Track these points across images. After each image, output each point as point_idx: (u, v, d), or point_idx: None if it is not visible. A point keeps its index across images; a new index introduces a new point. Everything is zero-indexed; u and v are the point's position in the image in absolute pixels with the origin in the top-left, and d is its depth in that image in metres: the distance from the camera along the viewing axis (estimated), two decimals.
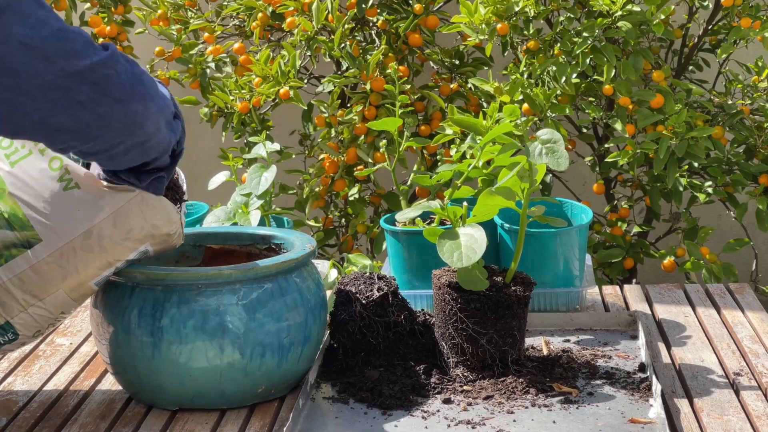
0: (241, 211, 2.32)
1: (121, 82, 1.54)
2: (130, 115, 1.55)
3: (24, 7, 1.46)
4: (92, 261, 1.71)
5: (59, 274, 1.70)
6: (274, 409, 1.81)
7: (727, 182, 2.92)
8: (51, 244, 1.68)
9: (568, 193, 3.40)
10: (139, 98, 1.56)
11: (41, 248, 1.68)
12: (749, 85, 2.97)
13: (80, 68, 1.50)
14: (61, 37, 1.48)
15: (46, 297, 1.71)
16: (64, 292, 1.72)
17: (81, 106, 1.51)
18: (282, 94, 2.89)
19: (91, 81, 1.50)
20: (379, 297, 1.90)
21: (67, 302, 1.74)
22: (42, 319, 1.73)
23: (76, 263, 1.70)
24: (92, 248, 1.70)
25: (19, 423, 1.78)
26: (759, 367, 1.92)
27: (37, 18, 1.47)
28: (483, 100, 3.03)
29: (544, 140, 1.83)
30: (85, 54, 1.50)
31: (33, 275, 1.69)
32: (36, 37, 1.46)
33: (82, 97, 1.50)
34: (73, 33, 1.51)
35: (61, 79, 1.48)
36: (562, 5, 2.91)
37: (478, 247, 1.81)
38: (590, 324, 2.12)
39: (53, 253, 1.69)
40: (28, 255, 1.68)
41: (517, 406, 1.76)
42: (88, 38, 1.54)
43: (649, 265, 3.53)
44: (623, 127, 2.83)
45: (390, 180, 3.20)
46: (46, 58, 1.47)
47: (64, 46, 1.48)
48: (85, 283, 1.73)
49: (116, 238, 1.72)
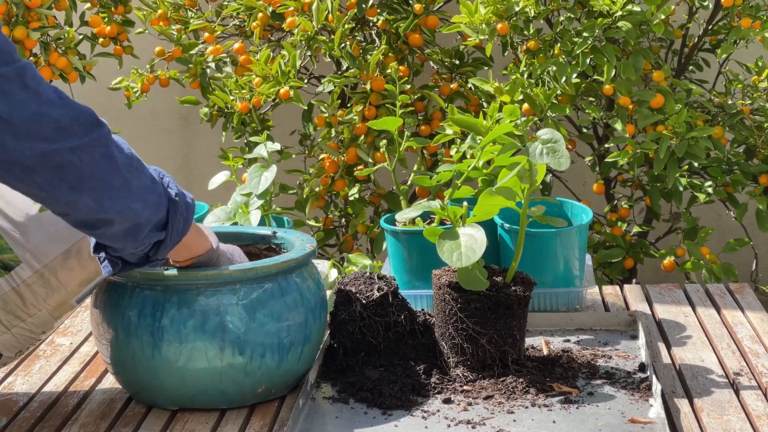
0: (241, 211, 2.32)
1: (79, 172, 1.54)
2: (78, 206, 1.56)
3: (7, 87, 1.50)
4: (73, 279, 1.73)
5: (41, 294, 1.71)
6: (274, 409, 1.81)
7: (727, 182, 2.92)
8: (31, 265, 1.69)
9: (568, 193, 3.40)
10: (102, 193, 1.56)
11: (21, 270, 1.69)
12: (749, 85, 2.97)
13: (45, 151, 1.52)
14: (36, 120, 1.51)
15: (28, 317, 1.71)
16: (47, 311, 1.72)
17: (37, 186, 1.54)
18: (282, 94, 2.89)
19: (54, 165, 1.52)
20: (379, 297, 1.90)
21: (49, 321, 1.75)
22: (24, 339, 1.74)
23: (57, 282, 1.71)
24: (72, 267, 1.71)
25: (19, 423, 1.78)
26: (759, 367, 1.92)
27: (17, 100, 1.50)
28: (483, 100, 3.03)
29: (545, 140, 1.83)
30: (53, 139, 1.52)
31: (15, 297, 1.69)
32: (14, 116, 1.50)
33: (38, 178, 1.53)
34: (49, 119, 1.52)
35: (24, 158, 1.51)
36: (562, 5, 2.91)
37: (478, 247, 1.81)
38: (590, 324, 2.12)
39: (33, 275, 1.69)
40: (9, 277, 1.68)
41: (517, 406, 1.76)
42: (66, 124, 1.54)
43: (649, 265, 3.53)
44: (623, 127, 2.83)
45: (390, 180, 3.20)
46: (15, 136, 1.50)
47: (36, 130, 1.51)
48: (66, 301, 1.74)
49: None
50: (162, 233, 1.65)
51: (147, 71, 3.24)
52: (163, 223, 1.65)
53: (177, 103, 3.44)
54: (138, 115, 3.63)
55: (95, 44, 3.32)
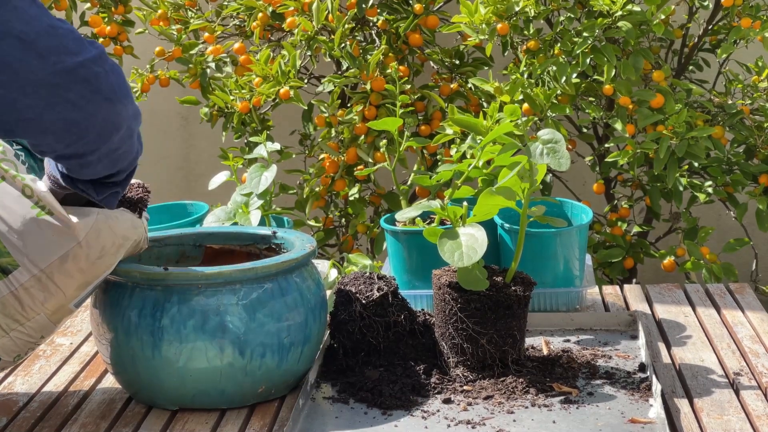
0: (241, 211, 2.32)
1: (109, 81, 1.53)
2: (113, 116, 1.54)
3: (18, 2, 1.46)
4: (71, 283, 1.72)
5: (39, 298, 1.70)
6: (274, 409, 1.81)
7: (727, 182, 2.92)
8: (28, 269, 1.69)
9: (568, 193, 3.40)
10: (124, 100, 1.56)
11: (19, 274, 1.69)
12: (749, 85, 2.97)
13: (72, 65, 1.49)
14: (53, 33, 1.48)
15: (27, 321, 1.71)
16: (45, 315, 1.72)
17: (70, 104, 1.50)
18: (282, 94, 2.89)
19: (82, 78, 1.50)
20: (379, 297, 1.90)
21: (47, 325, 1.74)
22: (23, 344, 1.74)
23: (55, 287, 1.71)
24: (70, 271, 1.71)
25: (19, 423, 1.78)
26: (759, 367, 1.92)
27: (30, 13, 1.47)
28: (483, 100, 3.03)
29: (546, 140, 1.83)
30: (76, 51, 1.50)
31: (13, 300, 1.69)
32: (31, 32, 1.46)
33: (71, 95, 1.50)
34: (64, 30, 1.50)
35: (52, 75, 1.48)
36: (562, 5, 2.91)
37: (478, 246, 1.81)
38: (590, 324, 2.12)
39: (31, 278, 1.69)
40: (7, 281, 1.68)
41: (517, 406, 1.76)
42: (78, 35, 1.53)
43: (649, 265, 3.53)
44: (623, 127, 2.83)
45: (390, 180, 3.19)
46: (39, 55, 1.47)
47: (56, 43, 1.48)
48: (65, 305, 1.74)
49: (92, 258, 1.73)
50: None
51: (147, 71, 3.24)
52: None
53: (177, 103, 3.44)
54: None
55: None
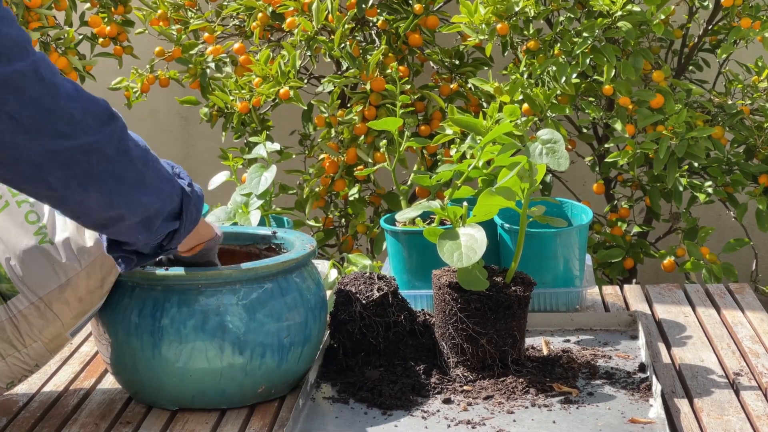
0: (241, 211, 2.32)
1: (90, 169, 1.52)
2: (87, 203, 1.54)
3: (23, 83, 1.47)
4: (68, 312, 1.72)
5: (37, 326, 1.71)
6: (274, 409, 1.81)
7: (727, 182, 2.92)
8: (27, 297, 1.69)
9: (568, 193, 3.40)
10: (112, 190, 1.55)
11: (18, 301, 1.69)
12: (749, 85, 2.97)
13: (58, 149, 1.50)
14: (47, 117, 1.48)
15: (24, 348, 1.71)
16: (42, 343, 1.72)
17: (44, 184, 1.51)
18: (282, 94, 2.89)
19: (63, 163, 1.50)
20: (379, 297, 1.90)
21: (44, 354, 1.75)
22: (17, 370, 1.74)
23: (53, 315, 1.71)
24: (68, 300, 1.71)
25: (19, 423, 1.78)
26: (759, 367, 1.92)
27: (30, 97, 1.47)
28: (483, 100, 3.03)
29: (545, 140, 1.83)
30: (65, 135, 1.50)
31: (11, 326, 1.69)
32: (24, 114, 1.47)
33: (49, 177, 1.50)
34: (63, 113, 1.50)
35: (36, 155, 1.49)
36: (562, 5, 2.91)
37: (478, 247, 1.81)
38: (590, 324, 2.12)
39: (30, 306, 1.69)
40: (6, 306, 1.68)
41: (517, 406, 1.76)
42: (80, 118, 1.51)
43: (649, 265, 3.53)
44: (623, 127, 2.83)
45: (390, 180, 3.20)
46: (26, 133, 1.47)
47: (47, 127, 1.49)
48: (62, 333, 1.74)
49: (92, 288, 1.74)
50: (176, 222, 1.66)
51: (147, 71, 3.24)
52: (176, 213, 1.65)
53: (177, 103, 3.44)
54: (138, 115, 3.63)
55: (95, 44, 3.32)
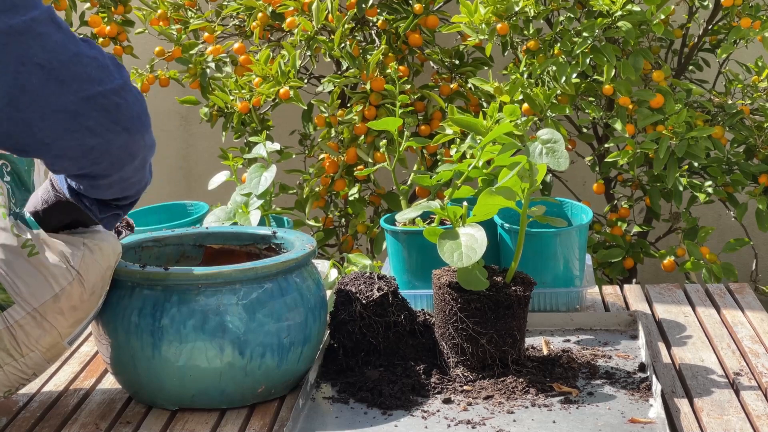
0: (241, 211, 2.32)
1: (130, 111, 1.55)
2: (130, 146, 1.57)
3: (43, 29, 1.48)
4: (64, 321, 1.73)
5: (34, 336, 1.71)
6: (274, 409, 1.81)
7: (727, 182, 2.92)
8: (23, 307, 1.69)
9: (568, 193, 3.40)
10: (143, 131, 1.58)
11: (14, 311, 1.69)
12: (749, 85, 2.97)
13: (92, 94, 1.51)
14: (77, 61, 1.50)
15: (21, 357, 1.72)
16: (39, 352, 1.73)
17: (88, 131, 1.52)
18: (282, 94, 2.89)
19: (102, 107, 1.52)
20: (379, 297, 1.90)
21: (41, 363, 1.75)
22: (15, 379, 1.74)
23: (49, 325, 1.71)
24: (63, 310, 1.72)
25: (19, 423, 1.78)
26: (759, 367, 1.92)
27: (55, 41, 1.48)
28: (483, 100, 3.03)
29: (545, 140, 1.83)
30: (99, 80, 1.52)
31: (9, 336, 1.70)
32: (54, 60, 1.48)
33: (90, 122, 1.51)
34: (89, 58, 1.52)
35: (72, 103, 1.50)
36: (562, 5, 2.91)
37: (478, 246, 1.81)
38: (590, 324, 2.12)
39: (26, 316, 1.70)
40: (3, 316, 1.69)
41: (517, 406, 1.76)
42: (105, 63, 1.54)
43: (649, 265, 3.53)
44: (623, 127, 2.83)
45: (390, 180, 3.20)
46: (61, 82, 1.48)
47: (79, 71, 1.50)
48: (59, 342, 1.74)
49: (85, 296, 1.74)
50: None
51: (147, 71, 3.24)
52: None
53: (177, 103, 3.44)
54: None
55: None
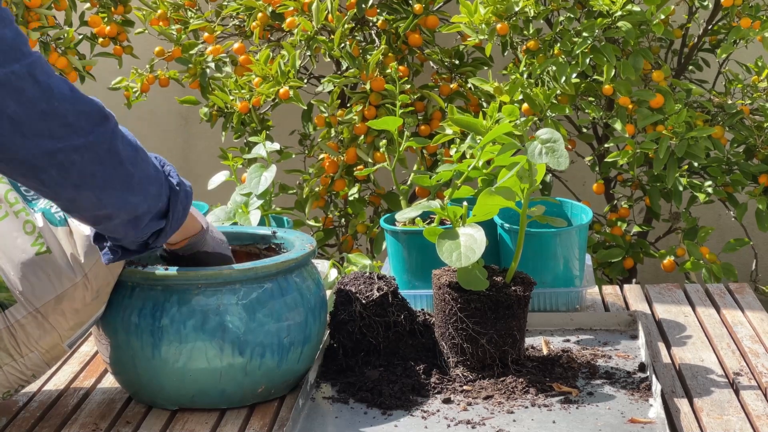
0: (241, 211, 2.32)
1: (83, 169, 1.56)
2: (80, 200, 1.59)
3: (20, 84, 1.50)
4: (65, 323, 1.73)
5: (34, 336, 1.71)
6: (274, 409, 1.81)
7: (727, 182, 2.92)
8: (25, 306, 1.69)
9: (568, 193, 3.40)
10: (96, 190, 1.59)
11: (15, 310, 1.69)
12: (749, 85, 2.98)
13: (51, 149, 1.53)
14: (43, 118, 1.52)
15: (20, 358, 1.72)
16: (39, 353, 1.73)
17: (40, 182, 1.56)
18: (282, 94, 2.89)
19: (57, 162, 1.54)
20: (379, 297, 1.90)
21: (41, 364, 1.75)
22: (14, 380, 1.74)
23: (50, 326, 1.72)
24: (64, 312, 1.72)
25: (19, 423, 1.78)
26: (759, 367, 1.92)
27: (28, 96, 1.51)
28: (483, 100, 3.03)
29: (544, 140, 1.83)
30: (59, 136, 1.54)
31: (9, 335, 1.70)
32: (23, 115, 1.51)
33: (44, 176, 1.55)
34: (56, 115, 1.53)
35: (32, 157, 1.53)
36: (562, 5, 2.91)
37: (477, 247, 1.81)
38: (590, 324, 2.12)
39: (27, 315, 1.70)
40: (4, 315, 1.69)
41: (517, 406, 1.76)
42: (71, 122, 1.54)
43: (649, 265, 3.53)
44: (623, 127, 2.83)
45: (390, 180, 3.20)
46: (23, 135, 1.52)
47: (42, 127, 1.52)
48: (59, 344, 1.74)
49: (88, 300, 1.74)
50: (162, 221, 1.68)
51: (147, 71, 3.24)
52: (163, 212, 1.68)
53: (177, 103, 3.44)
54: (138, 115, 3.63)
55: (95, 44, 3.32)
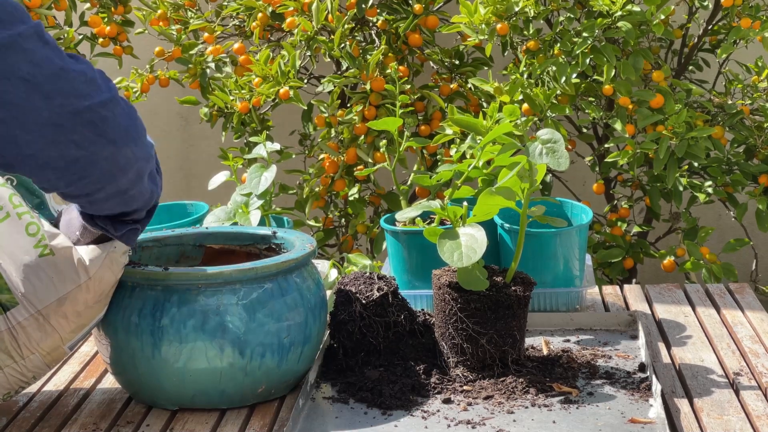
0: (241, 211, 2.32)
1: (117, 124, 1.56)
2: (119, 158, 1.58)
3: (28, 44, 1.49)
4: (67, 325, 1.73)
5: (36, 338, 1.71)
6: (274, 409, 1.81)
7: (727, 182, 2.92)
8: (26, 308, 1.69)
9: (568, 193, 3.40)
10: (131, 144, 1.59)
11: (17, 312, 1.69)
12: (749, 85, 2.98)
13: (78, 108, 1.52)
14: (63, 76, 1.51)
15: (21, 359, 1.72)
16: (39, 355, 1.73)
17: (74, 144, 1.53)
18: (282, 94, 2.89)
19: (87, 121, 1.53)
20: (379, 297, 1.90)
21: (41, 366, 1.75)
22: (14, 381, 1.74)
23: (51, 328, 1.71)
24: (66, 314, 1.72)
25: (19, 423, 1.78)
26: (759, 367, 1.92)
27: (40, 56, 1.49)
28: (483, 100, 3.03)
29: (545, 140, 1.84)
30: (85, 94, 1.53)
31: (10, 337, 1.70)
32: (38, 74, 1.49)
33: (75, 136, 1.52)
34: (75, 72, 1.53)
35: (57, 116, 1.51)
36: (562, 5, 2.91)
37: (478, 246, 1.81)
38: (590, 324, 2.12)
39: (29, 317, 1.70)
40: (5, 317, 1.68)
41: (517, 406, 1.76)
42: (93, 77, 1.55)
43: (649, 265, 3.53)
44: (623, 127, 2.83)
45: (390, 180, 3.20)
46: (45, 96, 1.49)
47: (65, 85, 1.51)
48: (60, 346, 1.74)
49: (90, 303, 1.74)
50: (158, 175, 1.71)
51: (147, 71, 3.24)
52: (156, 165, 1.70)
53: (177, 103, 3.44)
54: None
55: (95, 44, 3.32)
